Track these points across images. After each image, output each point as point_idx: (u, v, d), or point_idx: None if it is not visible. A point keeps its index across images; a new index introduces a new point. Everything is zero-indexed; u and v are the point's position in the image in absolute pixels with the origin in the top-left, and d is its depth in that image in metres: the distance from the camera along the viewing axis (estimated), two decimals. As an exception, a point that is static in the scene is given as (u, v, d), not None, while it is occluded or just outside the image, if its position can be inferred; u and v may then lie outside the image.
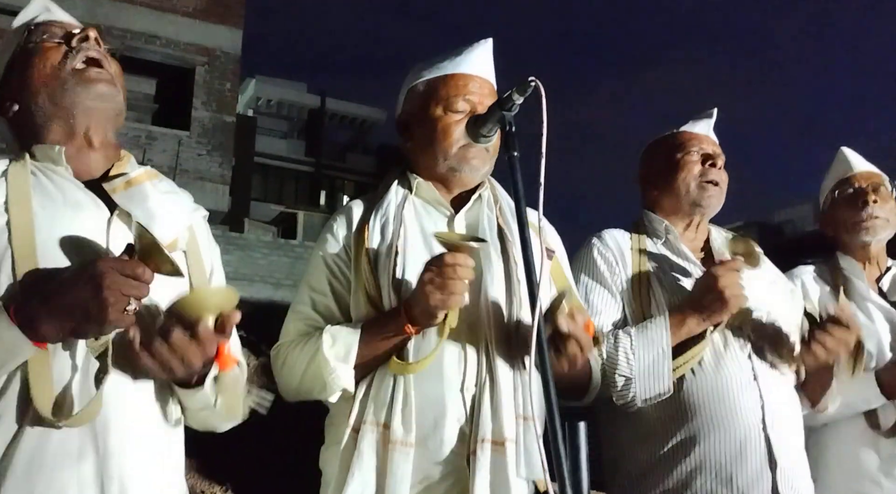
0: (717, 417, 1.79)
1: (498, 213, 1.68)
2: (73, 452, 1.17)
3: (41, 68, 1.35)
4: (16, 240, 1.20)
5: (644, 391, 1.77)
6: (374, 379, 1.53)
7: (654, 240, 2.03)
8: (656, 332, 1.80)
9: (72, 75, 1.34)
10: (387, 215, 1.64)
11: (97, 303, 1.10)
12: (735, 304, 1.78)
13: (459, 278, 1.41)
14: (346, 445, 1.51)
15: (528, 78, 1.36)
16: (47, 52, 1.36)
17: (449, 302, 1.42)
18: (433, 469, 1.49)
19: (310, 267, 1.68)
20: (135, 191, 1.33)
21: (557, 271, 1.73)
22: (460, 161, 1.64)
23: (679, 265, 1.98)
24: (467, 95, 1.65)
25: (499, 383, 1.49)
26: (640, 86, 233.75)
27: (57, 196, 1.29)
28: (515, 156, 1.39)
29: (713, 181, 2.01)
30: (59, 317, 1.11)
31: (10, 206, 1.23)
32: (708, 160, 2.03)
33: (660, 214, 2.06)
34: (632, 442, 1.89)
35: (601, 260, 1.98)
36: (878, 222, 2.24)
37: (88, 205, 1.30)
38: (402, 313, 1.48)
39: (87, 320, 1.12)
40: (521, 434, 1.47)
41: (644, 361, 1.77)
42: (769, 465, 1.77)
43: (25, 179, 1.28)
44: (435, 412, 1.49)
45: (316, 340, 1.53)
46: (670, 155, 2.06)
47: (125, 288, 1.11)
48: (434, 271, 1.42)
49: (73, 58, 1.35)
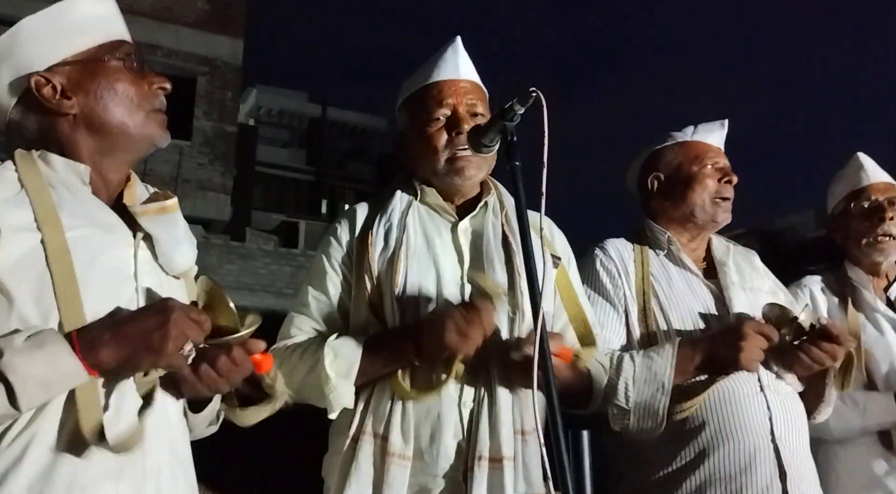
0: (725, 429, 1.78)
1: (504, 221, 1.67)
2: (113, 473, 1.18)
3: (121, 98, 1.35)
4: (53, 263, 1.19)
5: (636, 425, 1.77)
6: (374, 390, 1.53)
7: (656, 251, 2.01)
8: (660, 366, 1.77)
9: (144, 121, 1.37)
10: (391, 221, 1.64)
11: (160, 334, 1.15)
12: (746, 367, 1.77)
13: (484, 329, 1.42)
14: (345, 455, 1.51)
15: (528, 88, 1.36)
16: (132, 84, 1.36)
17: (463, 347, 1.43)
18: (430, 481, 1.48)
19: (311, 270, 1.68)
20: (166, 218, 1.35)
21: (564, 280, 1.72)
22: (450, 172, 1.66)
23: (681, 277, 1.96)
24: (444, 101, 1.67)
25: (498, 399, 1.49)
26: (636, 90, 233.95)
27: (83, 215, 1.27)
28: (517, 166, 1.39)
29: (727, 198, 1.99)
30: (121, 343, 1.14)
31: (42, 226, 1.21)
32: (724, 176, 2.00)
33: (662, 223, 2.04)
34: (639, 457, 1.87)
35: (604, 272, 1.96)
36: (893, 243, 2.22)
37: (115, 227, 1.31)
38: (409, 340, 1.48)
39: (146, 349, 1.15)
40: (519, 451, 1.47)
41: (642, 396, 1.76)
42: (779, 476, 1.76)
43: (48, 195, 1.26)
44: (432, 426, 1.48)
45: (316, 351, 1.53)
46: (685, 166, 2.03)
47: (188, 328, 1.17)
48: (461, 314, 1.43)
49: (151, 99, 1.38)
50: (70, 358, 1.12)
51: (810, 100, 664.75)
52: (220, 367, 1.24)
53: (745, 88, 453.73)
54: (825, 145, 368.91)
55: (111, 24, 1.40)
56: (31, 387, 1.09)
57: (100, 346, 1.14)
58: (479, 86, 1.73)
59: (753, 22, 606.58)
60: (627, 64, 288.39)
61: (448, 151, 1.65)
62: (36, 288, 1.17)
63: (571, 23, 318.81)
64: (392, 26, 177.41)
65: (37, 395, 1.10)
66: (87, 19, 1.37)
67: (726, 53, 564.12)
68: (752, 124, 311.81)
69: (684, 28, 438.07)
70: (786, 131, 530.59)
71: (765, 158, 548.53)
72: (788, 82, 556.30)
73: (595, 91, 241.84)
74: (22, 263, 1.17)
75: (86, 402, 1.16)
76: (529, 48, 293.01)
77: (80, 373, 1.13)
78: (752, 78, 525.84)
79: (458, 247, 1.64)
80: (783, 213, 26.10)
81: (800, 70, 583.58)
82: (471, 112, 1.66)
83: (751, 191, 4.84)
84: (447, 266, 1.60)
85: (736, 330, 1.77)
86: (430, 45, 1.81)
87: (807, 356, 1.78)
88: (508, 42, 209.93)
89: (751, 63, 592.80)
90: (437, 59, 1.72)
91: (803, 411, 1.90)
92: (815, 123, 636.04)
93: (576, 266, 1.82)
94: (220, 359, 1.23)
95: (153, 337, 1.15)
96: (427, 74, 1.71)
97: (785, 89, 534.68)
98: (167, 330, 1.15)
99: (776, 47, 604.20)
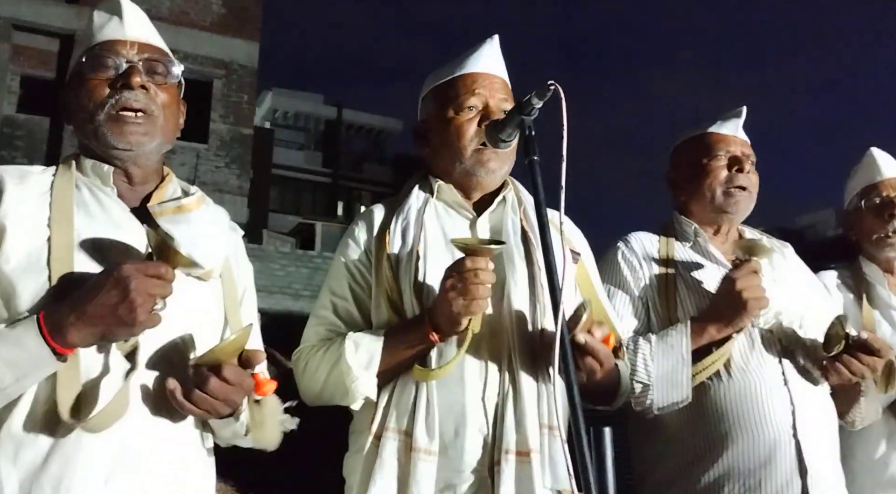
0: (745, 422, 1.76)
1: (522, 216, 1.66)
2: (101, 474, 1.18)
3: (86, 102, 1.36)
4: (54, 260, 1.21)
5: (661, 398, 1.75)
6: (396, 386, 1.52)
7: (682, 243, 2.00)
8: (676, 339, 1.77)
9: (105, 122, 1.34)
10: (408, 219, 1.63)
11: (126, 307, 1.13)
12: (755, 306, 1.75)
13: (481, 282, 1.40)
14: (368, 452, 1.50)
15: (547, 82, 1.35)
16: (95, 89, 1.35)
17: (472, 307, 1.41)
18: (455, 477, 1.47)
19: (331, 272, 1.68)
20: (182, 217, 1.35)
21: (583, 275, 1.71)
22: (475, 164, 1.64)
23: (708, 268, 1.94)
24: (476, 92, 1.65)
25: (522, 393, 1.48)
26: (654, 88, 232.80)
27: (99, 215, 1.30)
28: (536, 160, 1.37)
29: (740, 186, 1.97)
30: (88, 323, 1.14)
31: (53, 224, 1.25)
32: (735, 164, 1.98)
33: (689, 216, 2.03)
34: (659, 449, 1.87)
35: (625, 265, 1.96)
36: None
37: (129, 227, 1.31)
38: (425, 321, 1.47)
39: (117, 324, 1.14)
40: (545, 445, 1.45)
41: (662, 368, 1.75)
42: (799, 472, 1.73)
43: (70, 195, 1.30)
44: (456, 420, 1.47)
45: (338, 346, 1.52)
46: (697, 158, 2.02)
47: (151, 289, 1.15)
48: (455, 277, 1.41)
49: (111, 104, 1.34)
50: (35, 338, 1.12)
51: (830, 97, 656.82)
52: (212, 389, 1.19)
53: (765, 84, 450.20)
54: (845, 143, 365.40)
55: (102, 30, 1.41)
56: (0, 367, 1.11)
57: (67, 327, 1.13)
58: (508, 86, 1.72)
59: (771, 16, 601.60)
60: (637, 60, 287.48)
61: (475, 142, 1.63)
62: (36, 285, 1.20)
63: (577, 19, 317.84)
64: (406, 28, 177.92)
65: (6, 375, 1.12)
66: (88, 30, 1.42)
67: (745, 47, 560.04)
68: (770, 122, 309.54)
69: (699, 22, 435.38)
70: (804, 129, 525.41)
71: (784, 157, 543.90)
72: (809, 77, 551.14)
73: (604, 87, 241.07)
74: (25, 260, 1.22)
75: (65, 381, 1.16)
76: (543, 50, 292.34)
77: (47, 355, 1.13)
78: (771, 74, 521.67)
79: None
80: (803, 212, 25.96)
81: (822, 64, 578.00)
82: (501, 108, 1.64)
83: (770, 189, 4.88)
84: None
85: (726, 283, 1.79)
86: (445, 46, 1.80)
87: (847, 368, 1.76)
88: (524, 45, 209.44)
89: (771, 59, 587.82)
90: (473, 52, 1.72)
91: (832, 406, 1.87)
92: (834, 120, 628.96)
93: (594, 261, 1.81)
94: (211, 381, 1.19)
95: (120, 312, 1.13)
96: (461, 65, 1.70)
97: (804, 85, 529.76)
98: (131, 301, 1.12)
99: (798, 41, 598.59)
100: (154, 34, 1.44)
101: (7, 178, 1.30)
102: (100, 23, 1.40)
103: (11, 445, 1.16)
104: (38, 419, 1.18)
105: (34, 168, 1.36)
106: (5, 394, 1.15)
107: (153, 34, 1.44)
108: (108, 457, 1.19)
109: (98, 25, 1.40)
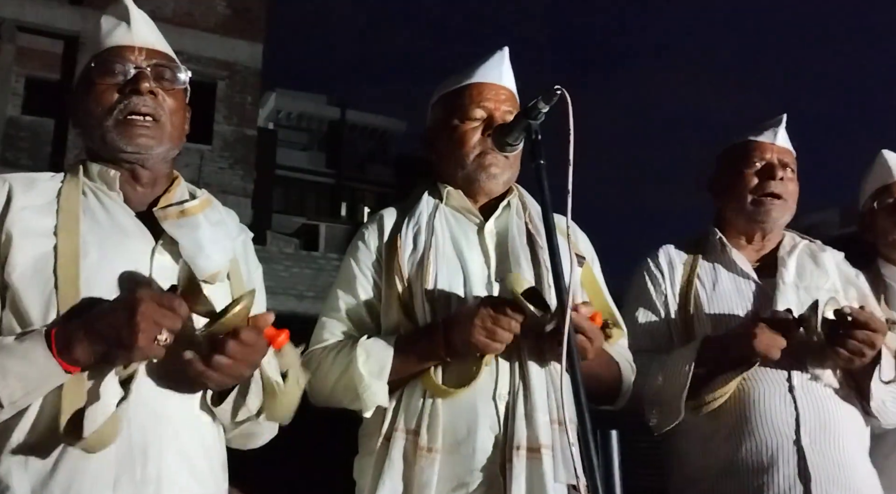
0: (748, 427, 1.80)
1: (527, 220, 1.69)
2: (109, 481, 1.19)
3: (94, 107, 1.37)
4: (61, 268, 1.22)
5: (661, 422, 1.83)
6: (405, 388, 1.55)
7: (708, 256, 2.02)
8: (680, 366, 1.80)
9: (114, 127, 1.36)
10: (419, 224, 1.66)
11: (128, 329, 1.12)
12: (765, 356, 1.75)
13: (510, 332, 1.44)
14: (378, 454, 1.52)
15: (553, 86, 1.36)
16: (103, 95, 1.37)
17: (490, 348, 1.46)
18: (467, 476, 1.49)
19: (341, 275, 1.70)
20: (186, 221, 1.35)
21: (589, 278, 1.73)
22: (477, 168, 1.67)
23: (730, 279, 1.96)
24: (482, 103, 1.68)
25: (532, 389, 1.50)
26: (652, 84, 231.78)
27: (105, 221, 1.31)
28: (542, 165, 1.39)
29: (772, 193, 1.96)
30: (93, 341, 1.14)
31: (59, 231, 1.26)
32: (768, 171, 1.97)
33: (725, 225, 2.05)
34: (673, 454, 1.93)
35: (648, 279, 2.01)
36: None
37: (135, 233, 1.32)
38: (440, 337, 1.50)
39: (117, 345, 1.14)
40: (556, 439, 1.48)
41: (665, 393, 1.81)
42: (801, 478, 1.75)
43: (76, 203, 1.31)
44: (468, 420, 1.49)
45: (349, 352, 1.55)
46: (733, 166, 2.04)
47: (158, 318, 1.13)
48: (491, 315, 1.44)
49: (120, 109, 1.36)
50: (44, 353, 1.13)
51: (831, 97, 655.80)
52: (231, 352, 1.18)
53: (767, 84, 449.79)
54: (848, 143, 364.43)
55: (110, 35, 1.41)
56: (11, 380, 1.12)
57: (75, 343, 1.14)
58: (516, 99, 1.74)
59: (773, 17, 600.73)
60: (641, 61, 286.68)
61: (478, 149, 1.66)
62: (43, 293, 1.21)
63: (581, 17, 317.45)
64: (410, 29, 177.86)
65: (17, 389, 1.13)
66: (96, 35, 1.43)
67: (748, 46, 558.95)
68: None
69: (704, 24, 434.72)
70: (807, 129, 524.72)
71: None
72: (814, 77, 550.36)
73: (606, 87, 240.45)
74: (32, 269, 1.23)
75: (69, 397, 1.17)
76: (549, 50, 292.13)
77: (55, 370, 1.14)
78: (774, 74, 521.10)
79: (484, 248, 1.65)
80: (807, 211, 25.80)
81: (826, 64, 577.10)
82: (506, 120, 1.66)
83: (773, 189, 4.76)
84: (475, 268, 1.62)
85: (744, 327, 1.79)
86: (449, 48, 1.82)
87: (844, 349, 1.74)
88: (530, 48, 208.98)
89: (775, 59, 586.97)
90: (482, 62, 1.74)
91: (848, 413, 1.86)
92: (837, 120, 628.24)
93: (599, 264, 1.83)
94: (230, 345, 1.18)
95: (122, 334, 1.12)
96: (470, 74, 1.73)
97: (806, 86, 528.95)
98: (135, 325, 1.11)
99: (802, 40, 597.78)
100: (161, 40, 1.45)
101: (15, 186, 1.31)
102: (108, 28, 1.42)
103: (22, 452, 1.18)
104: (47, 427, 1.19)
105: (42, 175, 1.37)
106: (15, 406, 1.16)
107: (160, 40, 1.45)
108: (116, 462, 1.19)
109: (106, 31, 1.41)
